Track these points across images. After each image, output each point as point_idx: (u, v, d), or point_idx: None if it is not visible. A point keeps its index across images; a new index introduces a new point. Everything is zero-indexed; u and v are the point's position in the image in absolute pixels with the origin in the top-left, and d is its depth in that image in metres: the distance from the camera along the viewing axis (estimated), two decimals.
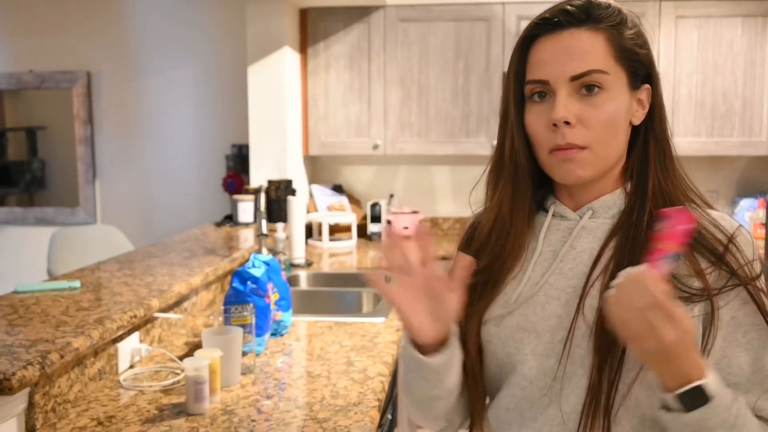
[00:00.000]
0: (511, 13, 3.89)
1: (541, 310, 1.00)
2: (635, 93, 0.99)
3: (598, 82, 0.95)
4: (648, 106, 1.01)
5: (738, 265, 0.93)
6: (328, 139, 4.10)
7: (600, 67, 0.95)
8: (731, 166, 4.21)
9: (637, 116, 1.00)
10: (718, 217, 0.99)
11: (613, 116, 0.96)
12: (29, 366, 1.37)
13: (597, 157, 0.97)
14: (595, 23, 0.97)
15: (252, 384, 1.76)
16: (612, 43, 0.96)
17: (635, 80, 0.99)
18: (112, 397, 1.66)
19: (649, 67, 1.01)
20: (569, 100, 0.95)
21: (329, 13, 4.00)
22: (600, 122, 0.95)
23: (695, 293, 0.92)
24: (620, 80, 0.97)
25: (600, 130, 0.96)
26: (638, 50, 0.98)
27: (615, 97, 0.96)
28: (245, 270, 2.00)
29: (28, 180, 4.57)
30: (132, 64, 4.43)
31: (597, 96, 0.96)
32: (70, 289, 2.05)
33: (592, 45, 0.96)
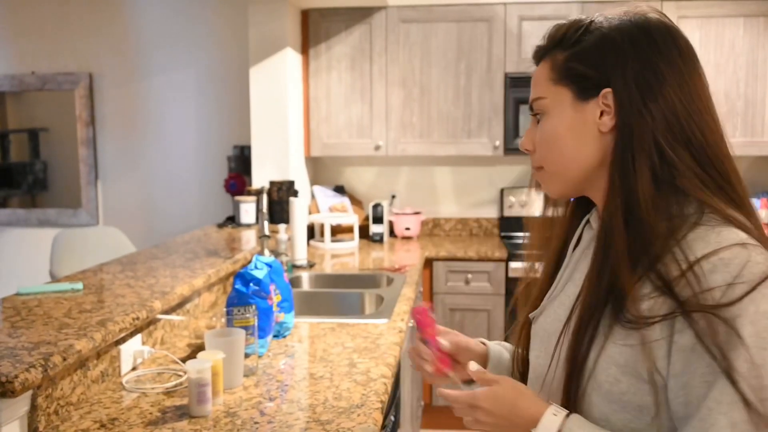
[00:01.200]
0: (512, 14, 3.89)
1: (554, 313, 1.08)
2: (588, 103, 0.98)
3: (539, 108, 1.04)
4: (614, 109, 0.97)
5: (691, 291, 0.86)
6: (329, 140, 4.10)
7: (538, 95, 1.04)
8: None
9: (603, 123, 0.98)
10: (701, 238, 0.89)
11: (551, 134, 1.02)
12: (32, 368, 1.37)
13: (552, 173, 1.04)
14: (545, 54, 1.05)
15: (254, 386, 1.76)
16: (551, 68, 1.02)
17: (585, 91, 0.99)
18: (115, 399, 1.66)
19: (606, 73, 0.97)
20: (532, 128, 1.07)
21: (331, 14, 4.00)
22: (541, 143, 1.04)
23: (632, 318, 0.90)
24: (561, 98, 1.01)
25: (542, 150, 1.04)
26: (579, 65, 0.99)
27: (555, 116, 1.01)
28: (247, 272, 2.00)
29: (30, 182, 4.57)
30: (134, 66, 4.44)
31: (542, 121, 1.04)
32: (72, 291, 2.05)
33: (539, 76, 1.04)
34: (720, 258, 0.86)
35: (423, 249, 3.88)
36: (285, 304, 2.19)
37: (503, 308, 3.74)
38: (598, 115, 0.98)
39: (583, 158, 1.00)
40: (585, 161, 1.00)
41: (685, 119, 0.94)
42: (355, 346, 2.09)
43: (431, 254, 3.78)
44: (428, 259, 3.77)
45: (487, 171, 4.36)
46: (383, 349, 2.06)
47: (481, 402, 0.99)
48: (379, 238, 4.10)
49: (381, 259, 3.60)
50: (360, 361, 1.95)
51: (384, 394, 1.72)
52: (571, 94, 1.00)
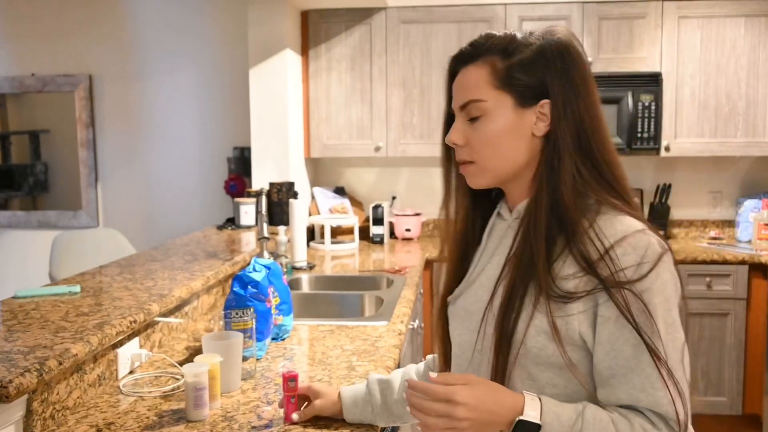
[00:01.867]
0: (512, 15, 3.87)
1: (474, 294, 1.21)
2: (526, 110, 1.12)
3: (476, 109, 1.13)
4: (550, 118, 1.11)
5: (608, 271, 1.03)
6: (329, 142, 4.09)
7: (477, 97, 1.13)
8: (735, 166, 4.19)
9: (538, 128, 1.12)
10: (618, 224, 1.07)
11: (491, 135, 1.13)
12: (27, 373, 1.36)
13: (484, 169, 1.16)
14: (479, 59, 1.14)
15: (252, 389, 1.75)
16: (493, 73, 1.12)
17: (524, 99, 1.11)
18: (112, 403, 1.65)
19: (545, 84, 1.10)
20: (462, 125, 1.16)
21: (331, 15, 3.99)
22: (480, 141, 1.14)
23: (562, 294, 1.06)
24: (503, 103, 1.12)
25: (480, 147, 1.14)
26: (522, 76, 1.11)
27: (495, 119, 1.12)
28: (246, 274, 1.99)
29: (31, 183, 4.57)
30: (134, 67, 4.43)
31: (478, 121, 1.14)
32: (70, 293, 2.04)
33: (476, 78, 1.14)
34: (629, 243, 1.04)
35: (423, 250, 3.87)
36: (284, 307, 2.18)
37: None
38: (533, 120, 1.12)
39: (516, 157, 1.14)
40: (517, 160, 1.14)
41: (589, 129, 1.11)
42: (354, 349, 2.08)
43: (432, 255, 3.77)
44: (429, 261, 3.76)
45: None
46: (382, 351, 2.05)
47: (460, 397, 1.00)
48: (380, 239, 4.09)
49: (381, 261, 3.59)
50: (359, 364, 1.94)
51: None
52: (512, 100, 1.12)
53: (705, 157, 4.12)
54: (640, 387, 1.02)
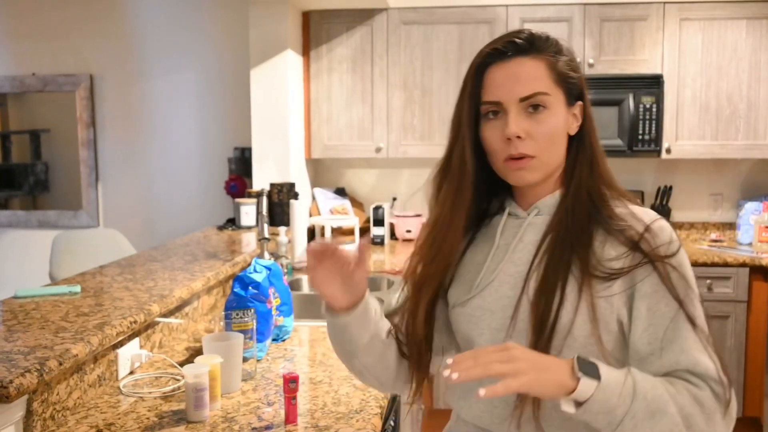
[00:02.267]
0: (514, 16, 3.87)
1: (495, 292, 1.19)
2: (570, 109, 1.19)
3: (542, 102, 1.14)
4: (581, 119, 1.20)
5: (650, 247, 1.10)
6: (330, 142, 4.09)
7: (543, 90, 1.14)
8: (736, 169, 4.19)
9: (572, 128, 1.19)
10: (639, 211, 1.17)
11: (554, 129, 1.16)
12: (27, 373, 1.35)
13: (543, 163, 1.17)
14: (537, 52, 1.16)
15: (253, 390, 1.74)
16: (552, 69, 1.16)
17: (570, 99, 1.18)
18: (112, 404, 1.65)
19: (581, 87, 1.20)
20: (519, 117, 1.14)
21: (332, 16, 3.99)
22: (544, 135, 1.15)
23: (612, 272, 1.11)
24: (559, 99, 1.16)
25: (544, 141, 1.15)
26: (572, 74, 1.18)
27: (555, 113, 1.16)
28: (246, 275, 1.99)
29: (31, 183, 4.57)
30: (134, 67, 4.43)
31: (541, 113, 1.15)
32: (70, 293, 2.04)
33: (536, 71, 1.15)
34: (659, 225, 1.13)
35: None
36: (284, 308, 2.18)
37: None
38: (570, 120, 1.19)
39: (562, 154, 1.19)
40: (562, 156, 1.20)
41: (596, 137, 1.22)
42: None
43: None
44: None
45: None
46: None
47: (512, 345, 1.01)
48: (380, 240, 4.09)
49: (382, 262, 3.58)
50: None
51: (383, 399, 1.71)
52: (564, 98, 1.18)
53: (706, 160, 4.11)
54: (679, 349, 1.07)
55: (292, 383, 1.50)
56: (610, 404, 0.99)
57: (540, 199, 1.22)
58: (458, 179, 1.21)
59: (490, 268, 1.22)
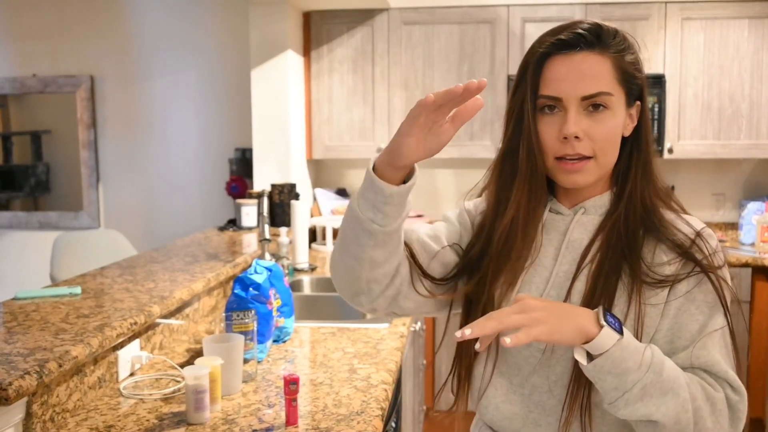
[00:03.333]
0: (515, 16, 3.86)
1: (536, 290, 1.18)
2: (629, 110, 1.14)
3: (604, 102, 1.09)
4: (636, 120, 1.16)
5: (702, 255, 1.08)
6: (331, 143, 4.08)
7: (607, 90, 1.09)
8: (738, 168, 4.18)
9: (627, 129, 1.15)
10: (689, 219, 1.14)
11: (614, 131, 1.11)
12: (26, 375, 1.34)
13: (600, 165, 1.12)
14: (603, 48, 1.10)
15: (253, 392, 1.73)
16: (616, 68, 1.10)
17: (631, 99, 1.14)
18: (112, 405, 1.64)
19: (643, 87, 1.15)
20: (578, 116, 1.09)
21: (332, 17, 3.98)
22: (603, 136, 1.10)
23: (662, 279, 1.08)
24: (620, 100, 1.11)
25: (603, 143, 1.10)
26: (636, 74, 1.13)
27: (615, 114, 1.11)
28: (247, 276, 1.98)
29: (32, 184, 4.56)
30: (135, 68, 4.42)
31: (602, 113, 1.09)
32: (70, 295, 2.03)
33: (601, 68, 1.09)
34: (707, 233, 1.11)
35: None
36: (285, 309, 2.17)
37: None
38: (628, 120, 1.14)
39: (617, 155, 1.15)
40: (616, 157, 1.15)
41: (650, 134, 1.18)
42: (356, 351, 2.07)
43: None
44: None
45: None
46: (384, 354, 2.04)
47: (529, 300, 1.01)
48: None
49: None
50: (360, 366, 1.93)
51: (384, 400, 1.70)
52: (624, 97, 1.12)
53: (708, 160, 4.10)
54: (701, 345, 1.06)
55: (292, 385, 1.50)
56: (623, 366, 0.97)
57: (587, 198, 1.19)
58: (529, 176, 1.15)
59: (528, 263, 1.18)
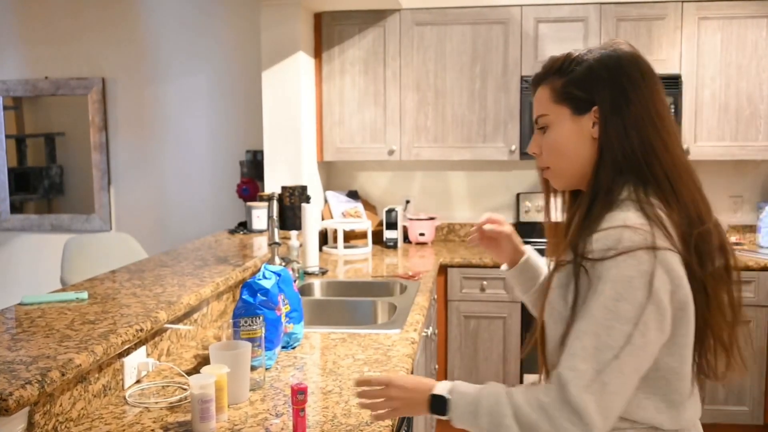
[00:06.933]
0: (528, 16, 3.81)
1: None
2: (584, 117, 1.27)
3: (544, 122, 1.32)
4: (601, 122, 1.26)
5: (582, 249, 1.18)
6: (343, 145, 4.05)
7: (542, 113, 1.32)
8: (756, 170, 4.11)
9: (594, 131, 1.27)
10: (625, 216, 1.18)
11: (556, 143, 1.30)
12: (28, 385, 1.32)
13: (557, 172, 1.33)
14: (545, 80, 1.32)
15: (261, 401, 1.70)
16: (551, 91, 1.30)
17: (579, 110, 1.27)
18: (117, 414, 1.61)
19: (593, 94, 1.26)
20: (537, 137, 1.34)
21: (344, 18, 3.95)
22: (548, 149, 1.32)
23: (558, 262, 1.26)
24: (561, 114, 1.29)
25: (549, 154, 1.32)
26: (573, 89, 1.27)
27: (555, 129, 1.30)
28: (255, 281, 1.95)
29: (46, 186, 4.56)
30: (146, 70, 4.41)
31: (547, 131, 1.32)
32: (77, 300, 2.01)
33: (540, 97, 1.33)
34: (606, 232, 1.16)
35: (437, 255, 3.81)
36: (294, 314, 2.13)
37: (519, 315, 3.66)
38: (591, 125, 1.27)
39: (580, 159, 1.28)
40: (582, 161, 1.28)
41: (643, 130, 1.23)
42: (366, 358, 2.03)
43: (446, 260, 3.71)
44: (443, 266, 3.70)
45: (502, 176, 4.28)
46: (395, 361, 2.00)
47: (395, 381, 1.31)
48: (393, 243, 4.04)
49: (395, 266, 3.53)
50: (371, 374, 1.89)
51: None
52: (569, 111, 1.28)
53: (725, 161, 4.03)
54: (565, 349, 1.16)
55: (300, 395, 1.46)
56: (467, 422, 1.22)
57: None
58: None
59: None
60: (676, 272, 1.14)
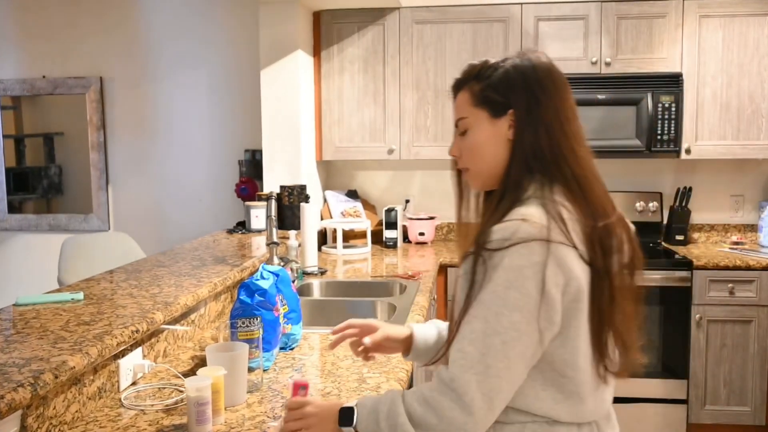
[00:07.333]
0: (529, 14, 3.79)
1: None
2: (501, 119, 1.31)
3: (463, 126, 1.36)
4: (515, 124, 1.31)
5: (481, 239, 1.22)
6: (342, 144, 4.02)
7: (461, 116, 1.37)
8: (758, 169, 4.08)
9: (510, 133, 1.31)
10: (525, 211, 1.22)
11: (474, 144, 1.34)
12: (20, 388, 1.29)
13: (475, 173, 1.37)
14: (464, 85, 1.37)
15: (258, 403, 1.68)
16: (470, 96, 1.35)
17: (497, 113, 1.32)
18: (112, 417, 1.59)
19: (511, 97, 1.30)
20: (457, 139, 1.39)
21: (343, 16, 3.93)
22: (466, 151, 1.36)
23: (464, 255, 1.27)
24: (479, 117, 1.33)
25: (468, 156, 1.36)
26: (491, 93, 1.32)
27: (474, 131, 1.34)
28: (252, 282, 1.92)
29: (45, 186, 4.54)
30: (144, 69, 4.39)
31: (466, 134, 1.36)
32: (72, 301, 1.98)
33: (460, 102, 1.38)
34: (504, 225, 1.20)
35: (437, 255, 3.79)
36: (292, 315, 2.11)
37: None
38: (507, 128, 1.31)
39: (497, 160, 1.32)
40: (498, 162, 1.32)
41: (552, 133, 1.28)
42: None
43: (446, 260, 3.69)
44: (443, 266, 3.68)
45: None
46: (394, 362, 1.98)
47: (309, 401, 1.37)
48: (393, 243, 4.02)
49: (394, 265, 3.51)
50: (370, 375, 1.87)
51: None
52: (487, 114, 1.33)
53: (727, 160, 4.01)
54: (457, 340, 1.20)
55: (302, 389, 1.43)
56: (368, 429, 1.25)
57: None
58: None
59: None
60: (569, 266, 1.17)
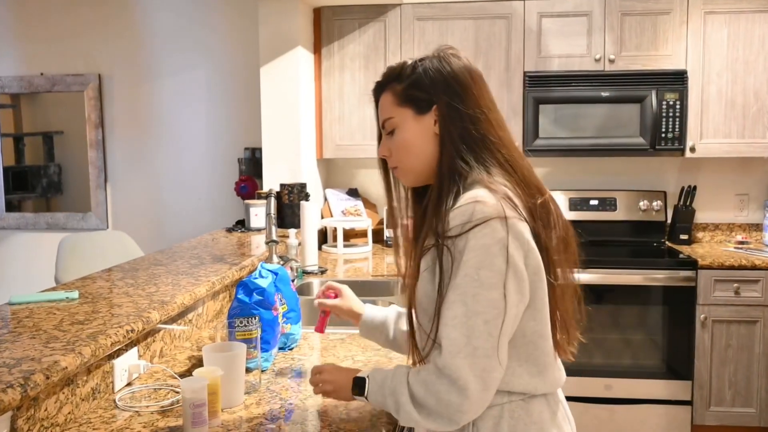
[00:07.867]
0: (531, 11, 3.74)
1: None
2: (426, 116, 1.37)
3: (390, 125, 1.41)
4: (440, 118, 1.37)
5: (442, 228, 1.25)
6: (342, 142, 3.98)
7: (387, 116, 1.41)
8: (763, 168, 4.04)
9: (437, 128, 1.37)
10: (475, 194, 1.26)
11: (403, 142, 1.39)
12: (9, 389, 1.25)
13: (405, 170, 1.41)
14: (386, 87, 1.43)
15: (256, 405, 1.63)
16: (393, 96, 1.41)
17: (421, 109, 1.38)
18: (106, 419, 1.55)
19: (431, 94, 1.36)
20: (385, 140, 1.44)
21: (344, 12, 3.89)
22: (396, 149, 1.41)
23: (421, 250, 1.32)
24: (405, 116, 1.39)
25: (397, 154, 1.41)
26: (413, 91, 1.38)
27: (402, 129, 1.39)
28: (251, 280, 1.88)
29: (44, 185, 4.50)
30: (143, 67, 4.35)
31: (393, 134, 1.41)
32: (67, 300, 1.94)
33: (384, 103, 1.43)
34: (460, 209, 1.24)
35: None
36: (292, 314, 2.07)
37: None
38: (433, 123, 1.37)
39: (426, 154, 1.38)
40: (428, 156, 1.38)
41: (478, 123, 1.34)
42: (366, 360, 1.97)
43: None
44: None
45: None
46: (396, 362, 1.93)
47: (325, 368, 1.49)
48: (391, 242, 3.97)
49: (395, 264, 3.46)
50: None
51: None
52: (412, 111, 1.38)
53: (732, 158, 3.97)
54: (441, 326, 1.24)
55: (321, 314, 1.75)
56: (379, 402, 1.34)
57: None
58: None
59: None
60: (525, 238, 1.24)
